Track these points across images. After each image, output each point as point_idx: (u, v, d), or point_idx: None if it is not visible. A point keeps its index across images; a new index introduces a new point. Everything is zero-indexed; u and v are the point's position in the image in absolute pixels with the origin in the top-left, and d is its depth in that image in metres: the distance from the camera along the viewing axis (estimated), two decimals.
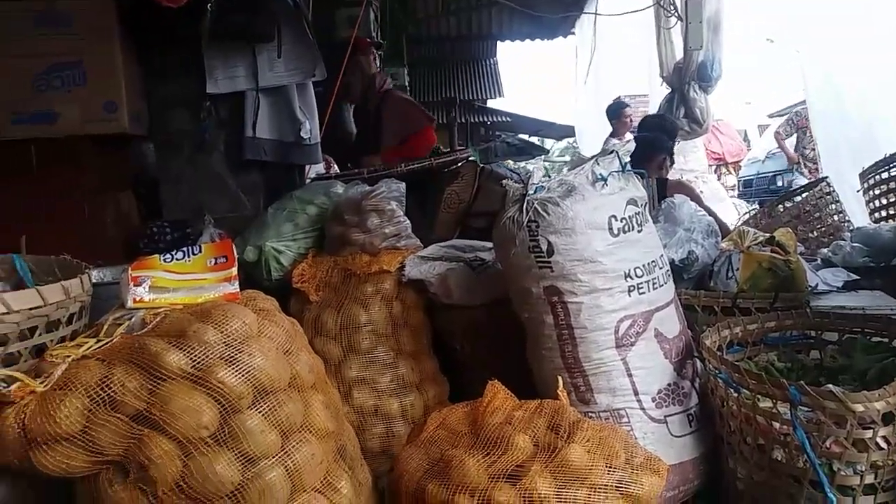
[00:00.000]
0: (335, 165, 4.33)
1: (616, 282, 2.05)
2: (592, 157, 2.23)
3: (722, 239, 2.90)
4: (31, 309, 1.42)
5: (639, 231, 2.12)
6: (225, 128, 3.14)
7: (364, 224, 2.74)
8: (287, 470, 1.48)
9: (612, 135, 7.18)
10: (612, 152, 2.21)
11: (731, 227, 3.39)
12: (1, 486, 1.51)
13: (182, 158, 3.13)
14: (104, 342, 1.48)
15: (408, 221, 2.83)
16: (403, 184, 2.95)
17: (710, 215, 3.15)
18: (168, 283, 1.60)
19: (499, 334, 2.55)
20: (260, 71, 3.03)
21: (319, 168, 3.64)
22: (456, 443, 1.76)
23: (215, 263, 1.67)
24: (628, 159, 2.18)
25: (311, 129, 3.12)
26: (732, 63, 6.55)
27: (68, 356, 1.43)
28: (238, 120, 3.12)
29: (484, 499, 1.57)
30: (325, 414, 1.63)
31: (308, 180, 3.42)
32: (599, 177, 2.10)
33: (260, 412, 1.47)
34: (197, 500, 1.40)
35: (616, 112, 7.27)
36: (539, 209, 2.05)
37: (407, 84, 7.28)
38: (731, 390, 1.92)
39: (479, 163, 3.40)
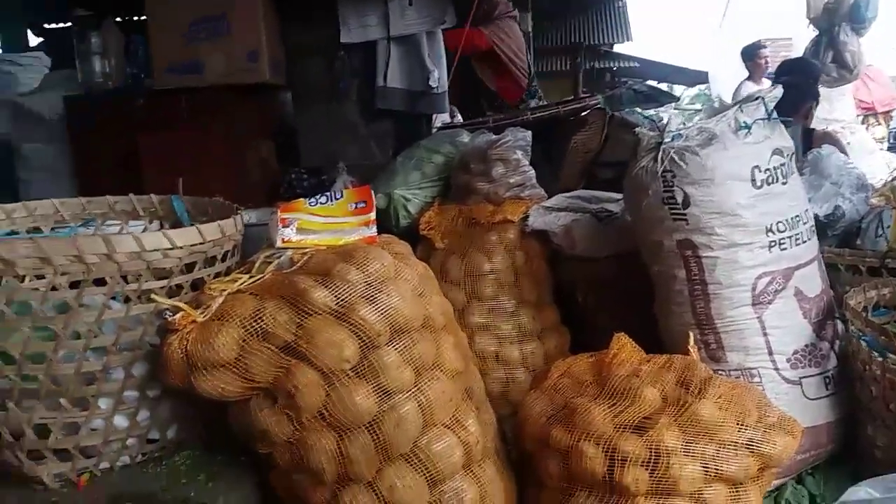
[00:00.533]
0: (459, 115, 4.35)
1: (756, 236, 1.96)
2: (735, 104, 2.12)
3: (872, 194, 2.69)
4: (192, 245, 1.55)
5: (783, 183, 2.01)
6: (357, 77, 3.22)
7: (489, 173, 2.76)
8: (419, 404, 1.56)
9: (748, 78, 6.74)
10: (757, 98, 2.09)
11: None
12: (166, 404, 1.68)
13: (317, 107, 3.25)
14: (256, 278, 1.59)
15: (532, 171, 2.82)
16: (529, 132, 2.93)
17: None
18: (313, 225, 1.69)
19: (624, 287, 2.52)
20: (391, 19, 3.07)
21: (445, 117, 3.67)
22: (581, 392, 1.78)
23: (355, 208, 1.75)
24: (773, 106, 2.05)
25: (439, 78, 3.15)
26: (888, 2, 5.95)
27: (224, 290, 1.55)
28: (370, 69, 3.19)
29: (609, 447, 1.58)
30: (454, 354, 1.69)
31: (434, 129, 3.46)
32: (743, 124, 1.99)
33: (396, 349, 1.55)
34: (337, 428, 1.51)
35: (751, 53, 6.81)
36: (676, 158, 1.98)
37: (530, 30, 7.11)
38: (876, 354, 1.82)
39: (607, 110, 3.31)
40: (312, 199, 1.73)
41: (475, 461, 1.66)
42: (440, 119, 3.64)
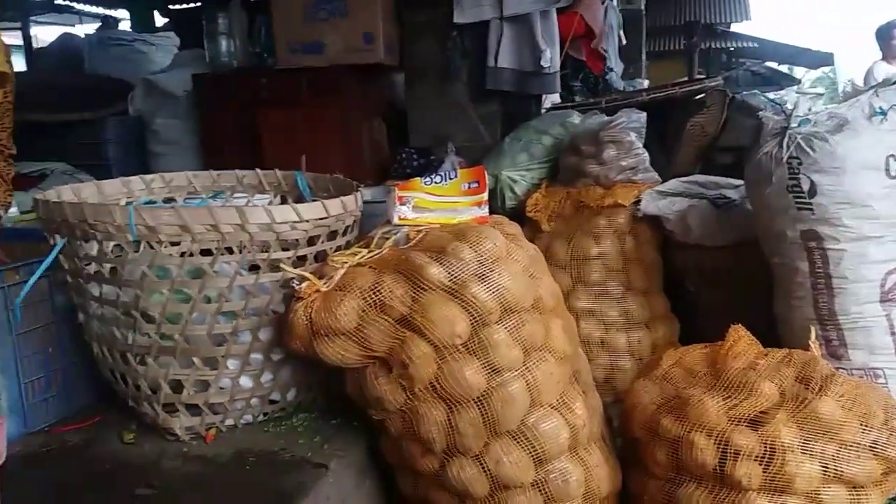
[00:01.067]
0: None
1: (889, 230, 1.85)
2: (870, 88, 1.99)
3: None
4: (317, 219, 1.62)
5: None
6: (468, 58, 3.23)
7: (600, 155, 2.72)
8: (527, 384, 1.58)
9: (881, 59, 6.29)
10: (894, 83, 1.96)
11: None
12: (287, 368, 1.78)
13: (428, 88, 3.29)
14: (374, 252, 1.65)
15: (646, 154, 2.76)
16: (644, 114, 2.87)
17: None
18: (428, 203, 1.73)
19: (740, 278, 2.44)
20: None
21: (555, 97, 3.63)
22: (693, 382, 1.74)
23: (469, 188, 1.77)
24: None
25: (551, 58, 3.11)
26: None
27: (346, 262, 1.62)
28: (481, 49, 3.19)
29: (721, 439, 1.55)
30: (563, 337, 1.70)
31: (544, 110, 3.43)
32: (878, 110, 1.88)
33: (506, 328, 1.57)
34: (447, 400, 1.55)
35: (886, 33, 6.34)
36: (803, 144, 1.89)
37: (643, 7, 6.88)
38: None
39: (728, 92, 3.18)
40: (428, 179, 1.77)
41: (581, 444, 1.66)
42: (549, 100, 3.61)
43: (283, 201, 2.17)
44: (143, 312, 1.61)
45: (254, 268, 1.66)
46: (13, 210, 2.73)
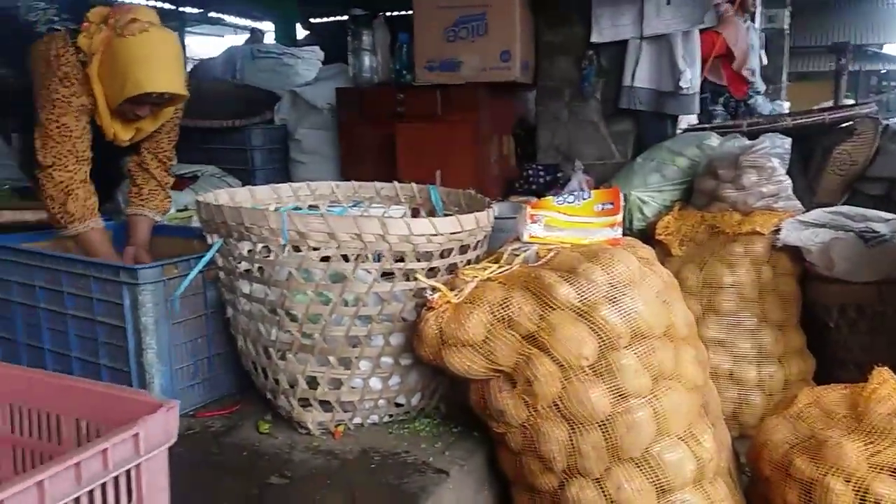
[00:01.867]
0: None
1: None
2: None
3: None
4: (451, 233, 1.68)
5: None
6: (604, 76, 3.23)
7: (739, 181, 2.63)
8: (654, 412, 1.55)
9: None
10: None
11: None
12: (414, 373, 1.84)
13: (560, 105, 3.31)
14: (504, 268, 1.68)
15: (789, 181, 2.64)
16: (789, 140, 2.75)
17: None
18: (559, 223, 1.75)
19: (885, 318, 2.29)
20: (646, 18, 3.03)
21: (692, 119, 3.54)
22: (831, 424, 1.65)
23: (602, 209, 1.77)
24: None
25: (691, 79, 3.05)
26: None
27: (476, 276, 1.66)
28: (617, 68, 3.18)
29: (860, 486, 1.47)
30: (694, 367, 1.66)
31: (679, 131, 3.36)
32: None
33: (635, 353, 1.56)
34: (570, 421, 1.55)
35: None
36: None
37: (787, 27, 6.56)
38: None
39: (880, 120, 2.99)
40: (560, 198, 1.78)
41: (707, 478, 1.62)
42: (686, 121, 3.52)
43: (416, 213, 2.25)
44: (288, 311, 1.72)
45: (387, 275, 1.74)
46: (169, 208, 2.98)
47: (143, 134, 2.26)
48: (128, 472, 0.86)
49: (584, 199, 1.78)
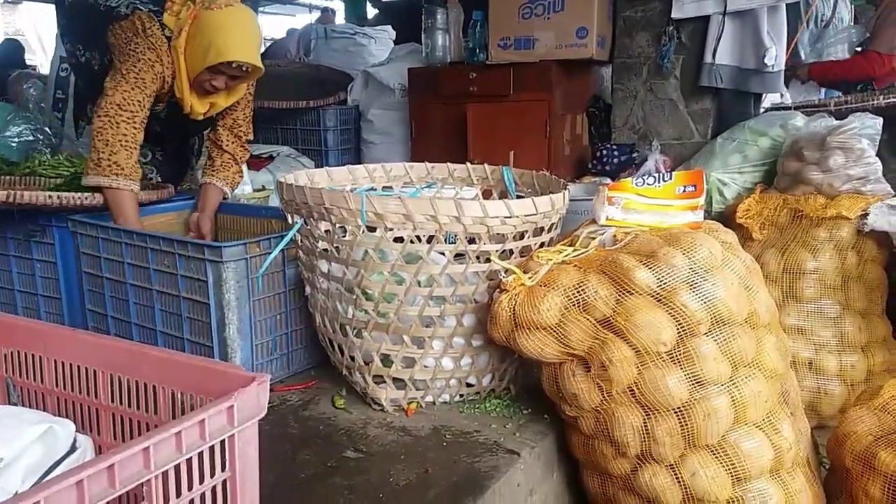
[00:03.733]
0: (788, 94, 3.99)
1: None
2: None
3: None
4: (526, 215, 1.67)
5: None
6: (683, 52, 3.13)
7: (825, 162, 2.52)
8: (732, 400, 1.53)
9: None
10: None
11: None
12: (484, 354, 1.86)
13: (638, 83, 3.23)
14: (579, 251, 1.67)
15: (879, 164, 2.52)
16: (880, 120, 2.61)
17: None
18: (638, 205, 1.72)
19: None
20: None
21: (775, 97, 3.40)
22: None
23: (683, 191, 1.73)
24: None
25: (776, 56, 2.92)
26: None
27: (551, 259, 1.66)
28: (698, 45, 3.08)
29: None
30: (775, 355, 1.61)
31: (763, 110, 3.23)
32: None
33: (715, 340, 1.53)
34: (645, 406, 1.54)
35: None
36: None
37: None
38: None
39: None
40: (639, 180, 1.75)
41: (785, 467, 1.58)
42: (769, 99, 3.39)
43: (488, 194, 2.25)
44: (364, 290, 1.76)
45: (460, 256, 1.75)
46: (247, 188, 3.07)
47: (217, 108, 2.34)
48: (222, 442, 0.90)
49: (664, 181, 1.74)
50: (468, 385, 1.90)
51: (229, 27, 2.14)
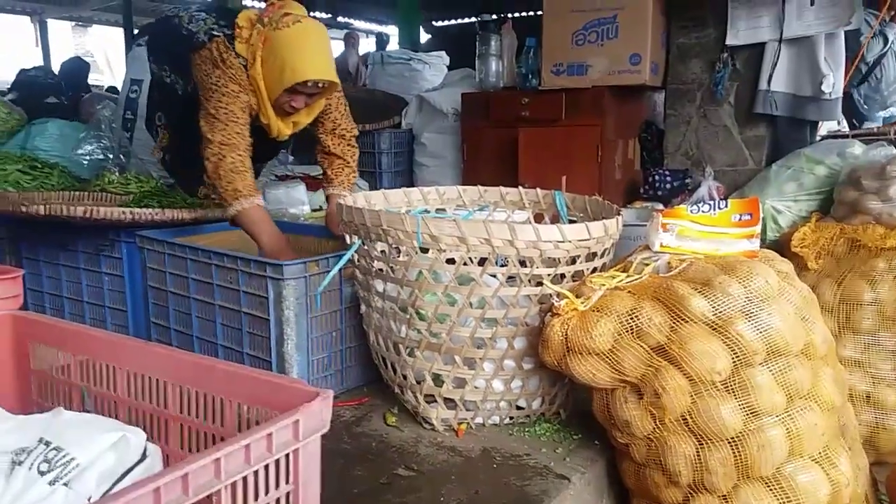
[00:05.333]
0: (845, 122, 3.92)
1: None
2: None
3: None
4: (579, 240, 1.69)
5: None
6: (738, 79, 3.12)
7: (885, 192, 2.47)
8: (788, 432, 1.51)
9: None
10: None
11: None
12: (535, 378, 1.87)
13: (691, 109, 3.23)
14: (633, 278, 1.67)
15: None
16: None
17: None
18: (692, 233, 1.72)
19: None
20: (786, 20, 2.90)
21: (832, 125, 3.35)
22: None
23: (739, 220, 1.72)
24: None
25: (833, 83, 2.89)
26: None
27: (604, 284, 1.66)
28: (753, 72, 3.07)
29: None
30: (832, 388, 1.59)
31: (819, 138, 3.19)
32: None
33: (770, 370, 1.51)
34: (698, 436, 1.53)
35: None
36: None
37: None
38: None
39: None
40: (694, 207, 1.75)
41: (842, 503, 1.54)
42: (825, 127, 3.34)
43: (539, 218, 2.27)
44: (417, 310, 1.79)
45: (511, 279, 1.77)
46: (305, 208, 3.16)
47: (301, 126, 2.38)
48: (287, 455, 0.94)
49: (720, 208, 1.74)
50: (518, 408, 1.91)
51: (300, 46, 2.15)
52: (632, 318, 1.57)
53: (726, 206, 1.73)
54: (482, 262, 1.72)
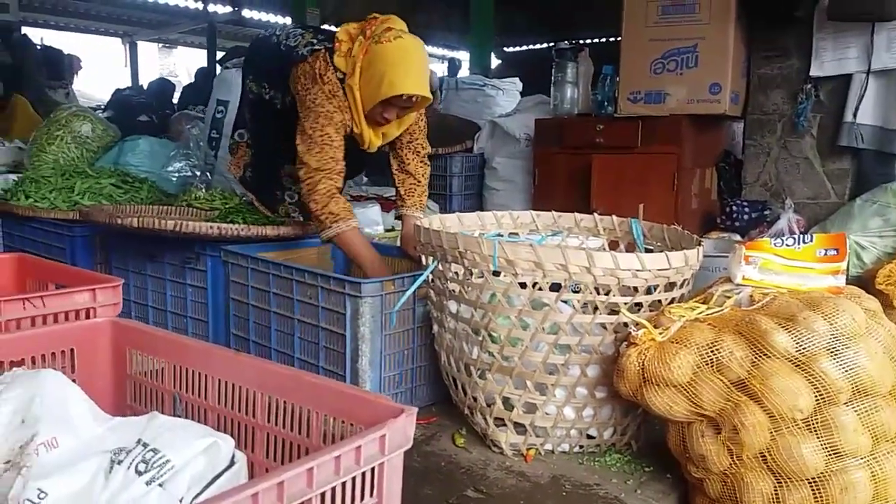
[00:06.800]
0: None
1: None
2: None
3: None
4: (659, 269, 1.68)
5: None
6: (821, 111, 3.05)
7: None
8: (872, 475, 1.46)
9: None
10: None
11: None
12: (607, 407, 1.85)
13: (771, 140, 3.17)
14: (714, 310, 1.65)
15: None
16: None
17: None
18: (776, 266, 1.68)
19: None
20: (875, 52, 2.82)
21: None
22: None
23: (825, 255, 1.68)
24: None
25: None
26: None
27: (683, 316, 1.65)
28: (837, 103, 2.99)
29: None
30: None
31: None
32: None
33: (855, 410, 1.47)
34: (776, 474, 1.49)
35: None
36: None
37: None
38: None
39: None
40: (778, 240, 1.72)
41: None
42: None
43: (613, 246, 2.26)
44: (490, 333, 1.81)
45: (584, 305, 1.77)
46: (379, 228, 3.22)
47: (390, 138, 2.44)
48: (373, 468, 0.97)
49: (804, 242, 1.70)
50: (589, 437, 1.90)
51: (400, 60, 2.19)
52: (712, 351, 1.55)
53: (811, 240, 1.69)
54: (554, 287, 1.73)
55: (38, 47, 7.34)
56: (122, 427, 1.22)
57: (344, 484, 0.93)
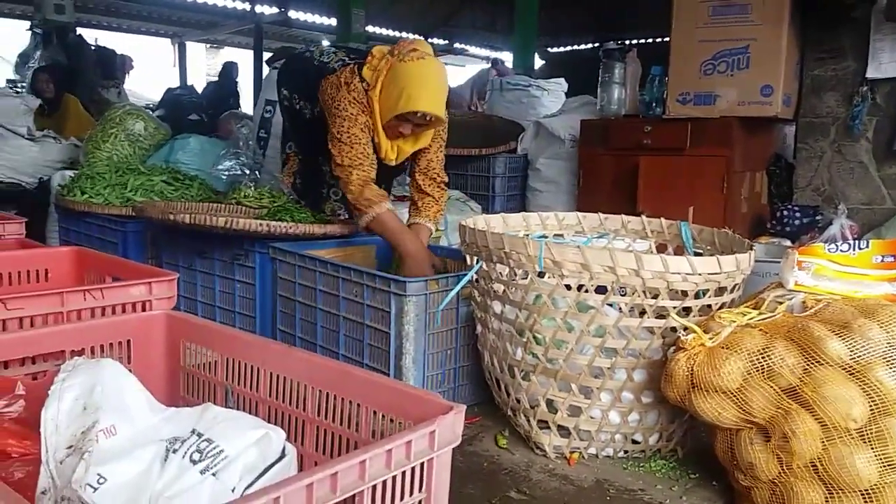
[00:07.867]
0: None
1: None
2: None
3: None
4: (710, 274, 1.66)
5: None
6: (877, 114, 2.96)
7: None
8: None
9: None
10: None
11: None
12: (653, 412, 1.83)
13: (824, 143, 3.10)
14: (765, 316, 1.62)
15: None
16: None
17: None
18: (829, 272, 1.64)
19: None
20: None
21: None
22: None
23: (881, 261, 1.64)
24: None
25: None
26: None
27: (734, 321, 1.62)
28: (894, 106, 2.90)
29: None
30: None
31: None
32: None
33: None
34: (827, 484, 1.46)
35: None
36: None
37: None
38: None
39: None
40: (832, 246, 1.68)
41: None
42: None
43: (661, 249, 2.24)
44: (535, 334, 1.81)
45: (644, 312, 1.75)
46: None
47: (405, 155, 2.51)
48: (422, 464, 0.98)
49: (860, 248, 1.66)
50: (634, 442, 1.88)
51: (420, 79, 2.31)
52: (763, 358, 1.52)
53: (867, 245, 1.65)
54: (600, 290, 1.72)
55: (93, 47, 7.54)
56: (177, 417, 1.26)
57: (394, 478, 0.94)
